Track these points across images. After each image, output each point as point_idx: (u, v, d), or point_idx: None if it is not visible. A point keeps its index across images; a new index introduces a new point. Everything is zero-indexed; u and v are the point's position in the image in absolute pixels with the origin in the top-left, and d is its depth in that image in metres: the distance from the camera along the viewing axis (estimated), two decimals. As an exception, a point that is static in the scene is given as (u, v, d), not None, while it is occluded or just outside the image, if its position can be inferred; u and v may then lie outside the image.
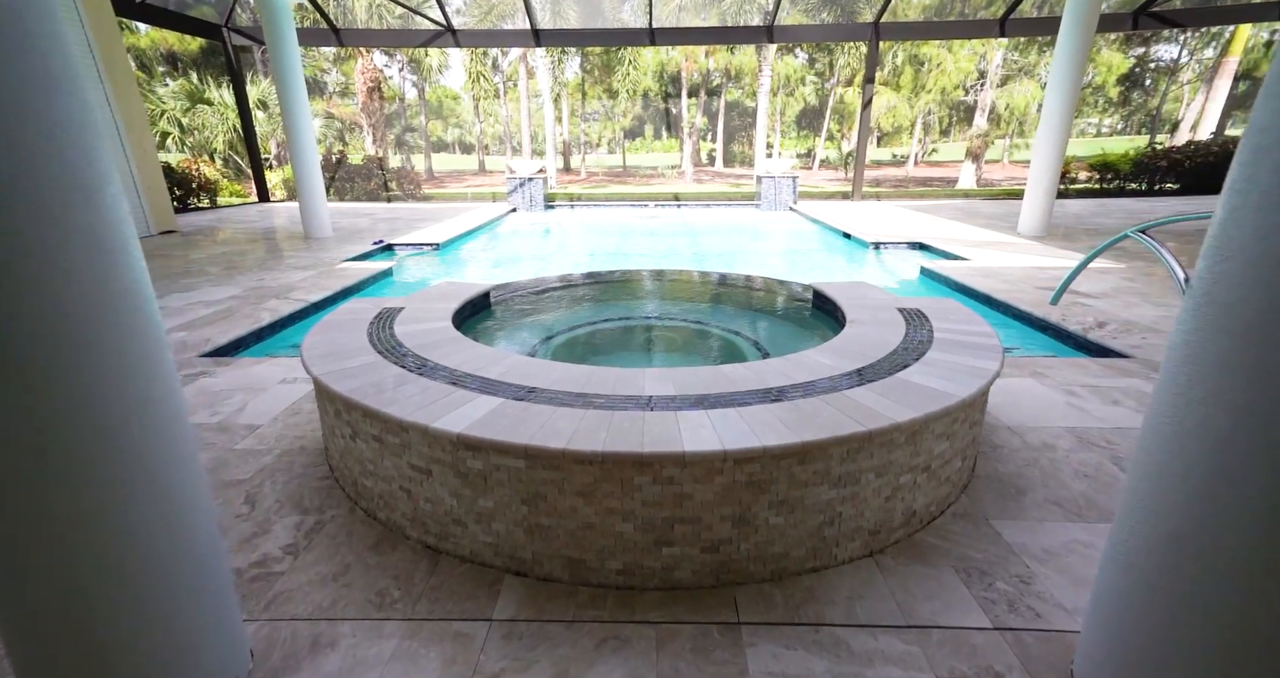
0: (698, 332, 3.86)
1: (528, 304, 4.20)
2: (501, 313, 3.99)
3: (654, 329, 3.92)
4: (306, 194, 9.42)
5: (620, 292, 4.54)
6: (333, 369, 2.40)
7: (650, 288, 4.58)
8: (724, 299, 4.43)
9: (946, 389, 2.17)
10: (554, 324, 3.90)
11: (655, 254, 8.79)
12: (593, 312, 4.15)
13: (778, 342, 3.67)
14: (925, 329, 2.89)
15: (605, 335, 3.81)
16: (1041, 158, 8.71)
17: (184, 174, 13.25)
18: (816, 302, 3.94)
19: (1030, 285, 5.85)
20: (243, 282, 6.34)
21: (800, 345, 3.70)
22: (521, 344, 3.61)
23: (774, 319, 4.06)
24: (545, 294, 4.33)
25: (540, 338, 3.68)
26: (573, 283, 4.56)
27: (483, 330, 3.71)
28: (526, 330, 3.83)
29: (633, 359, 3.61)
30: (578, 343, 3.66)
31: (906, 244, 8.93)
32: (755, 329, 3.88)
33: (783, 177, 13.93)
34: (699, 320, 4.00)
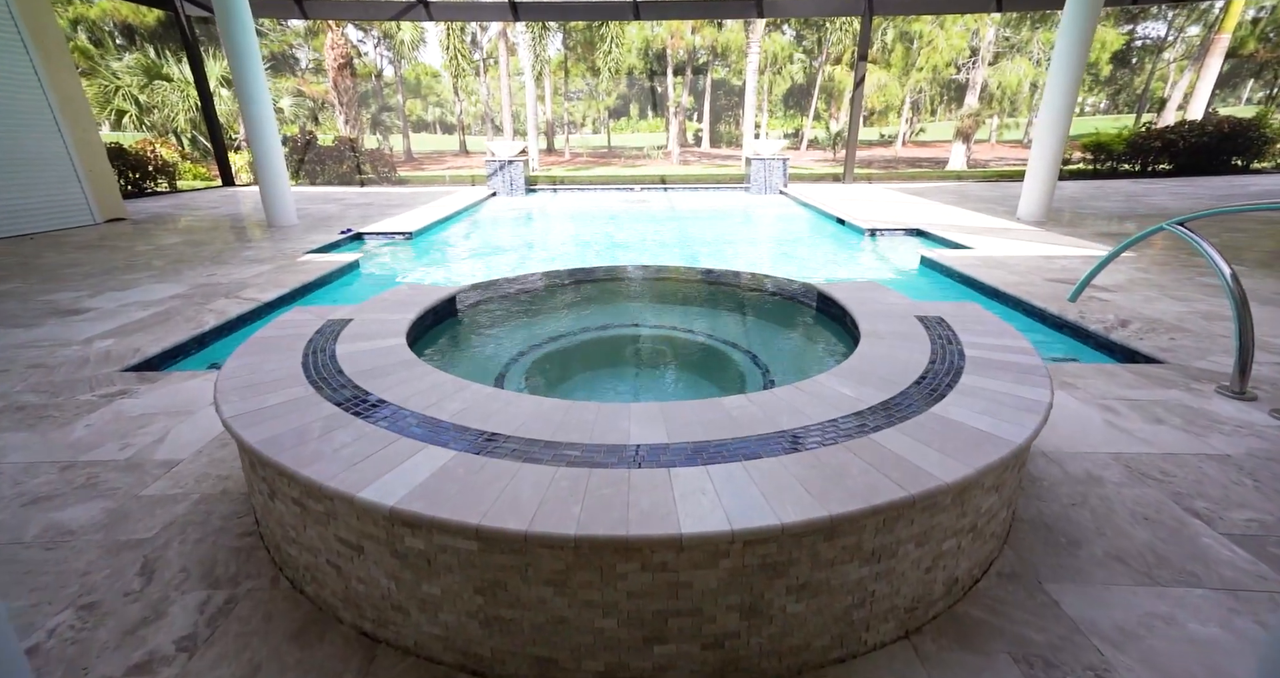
0: (689, 344, 3.45)
1: (498, 311, 3.75)
2: (468, 322, 3.55)
3: (640, 341, 3.50)
4: (268, 179, 8.81)
5: (602, 293, 4.11)
6: (248, 409, 1.96)
7: (635, 289, 4.15)
8: (717, 302, 4.01)
9: (997, 431, 1.78)
10: (527, 336, 3.47)
11: (641, 243, 8.33)
12: (571, 320, 3.72)
13: (781, 356, 3.27)
14: (954, 345, 2.50)
15: (585, 350, 3.38)
16: (1044, 140, 8.34)
17: (139, 156, 12.45)
18: (821, 305, 3.54)
19: (1040, 277, 5.50)
20: (190, 277, 5.79)
21: (806, 360, 3.31)
22: (488, 364, 3.17)
23: (775, 326, 3.66)
24: (518, 298, 3.88)
25: (511, 354, 3.24)
26: (550, 284, 4.11)
27: (444, 346, 3.26)
28: (495, 344, 3.39)
29: (615, 381, 3.19)
30: (553, 361, 3.23)
31: (903, 231, 8.56)
32: (754, 340, 3.47)
33: (773, 159, 13.45)
34: (690, 329, 3.59)
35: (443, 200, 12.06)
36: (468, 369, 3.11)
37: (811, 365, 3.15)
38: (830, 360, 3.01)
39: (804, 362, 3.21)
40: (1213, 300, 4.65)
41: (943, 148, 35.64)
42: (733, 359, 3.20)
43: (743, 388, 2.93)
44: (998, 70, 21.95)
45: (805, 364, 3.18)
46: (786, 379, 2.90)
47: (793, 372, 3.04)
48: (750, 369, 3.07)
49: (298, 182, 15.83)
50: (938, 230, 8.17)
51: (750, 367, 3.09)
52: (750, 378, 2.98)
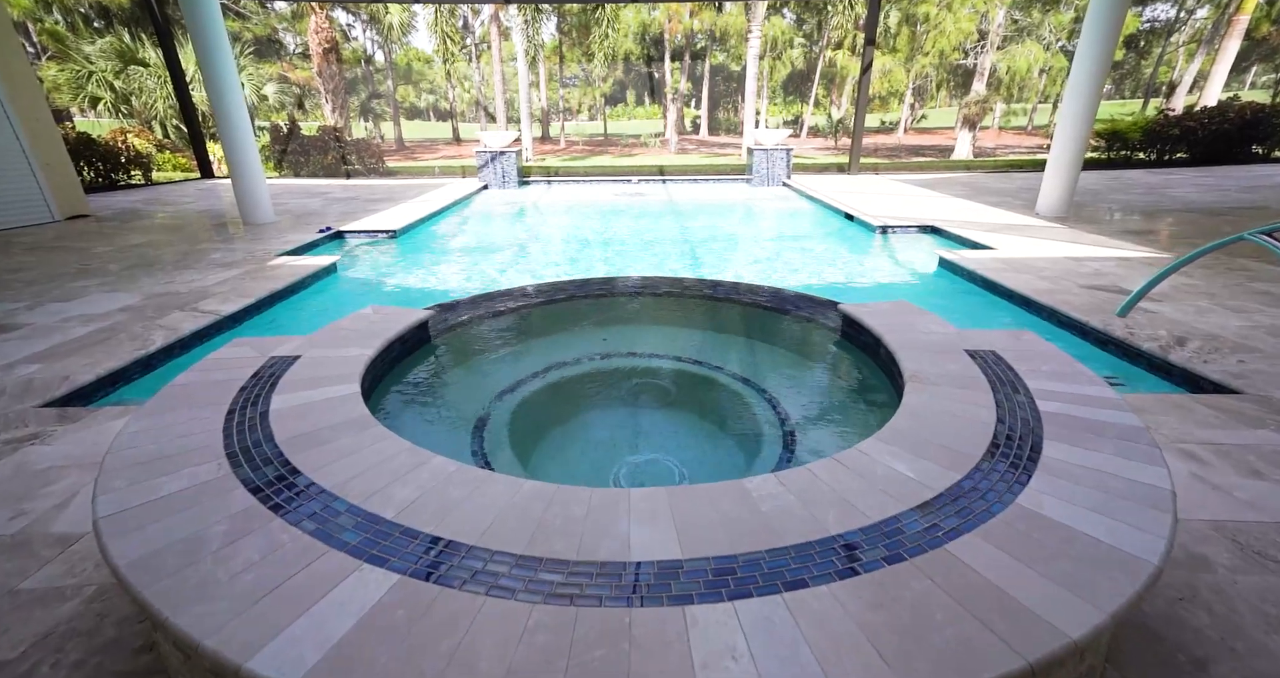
0: (695, 380, 3.00)
1: (476, 337, 3.30)
2: (440, 353, 3.09)
3: (637, 377, 3.05)
4: (242, 173, 8.28)
5: (595, 314, 3.65)
6: (133, 502, 1.51)
7: (632, 308, 3.69)
8: (726, 323, 3.56)
9: (1119, 541, 1.35)
10: (510, 371, 3.01)
11: (639, 243, 7.84)
12: (559, 347, 3.27)
13: (804, 399, 2.83)
14: (1020, 393, 2.06)
15: (574, 390, 2.93)
16: (1068, 129, 7.83)
17: (109, 147, 11.84)
18: (848, 329, 3.10)
19: (1073, 283, 5.06)
20: (146, 285, 5.31)
21: (834, 406, 2.84)
22: (463, 408, 2.72)
23: (794, 357, 3.21)
24: (500, 319, 3.42)
25: (490, 394, 2.79)
26: (537, 300, 3.65)
27: (411, 387, 2.80)
28: (468, 384, 2.94)
29: (610, 429, 2.74)
30: (535, 410, 2.78)
31: (916, 228, 8.09)
32: (771, 375, 3.03)
33: (775, 148, 12.91)
34: (696, 360, 3.14)
35: (431, 194, 11.52)
36: (438, 417, 2.66)
37: (841, 414, 2.70)
38: (864, 408, 2.57)
39: (831, 408, 2.76)
40: (1274, 312, 4.22)
41: (946, 135, 35.01)
42: (747, 402, 2.76)
43: (759, 442, 2.49)
44: (1006, 55, 21.32)
45: (833, 411, 2.73)
46: (811, 432, 2.46)
47: (818, 422, 2.59)
48: (768, 417, 2.62)
49: (281, 173, 15.24)
50: (953, 227, 7.71)
51: (768, 413, 2.65)
52: (768, 430, 2.54)
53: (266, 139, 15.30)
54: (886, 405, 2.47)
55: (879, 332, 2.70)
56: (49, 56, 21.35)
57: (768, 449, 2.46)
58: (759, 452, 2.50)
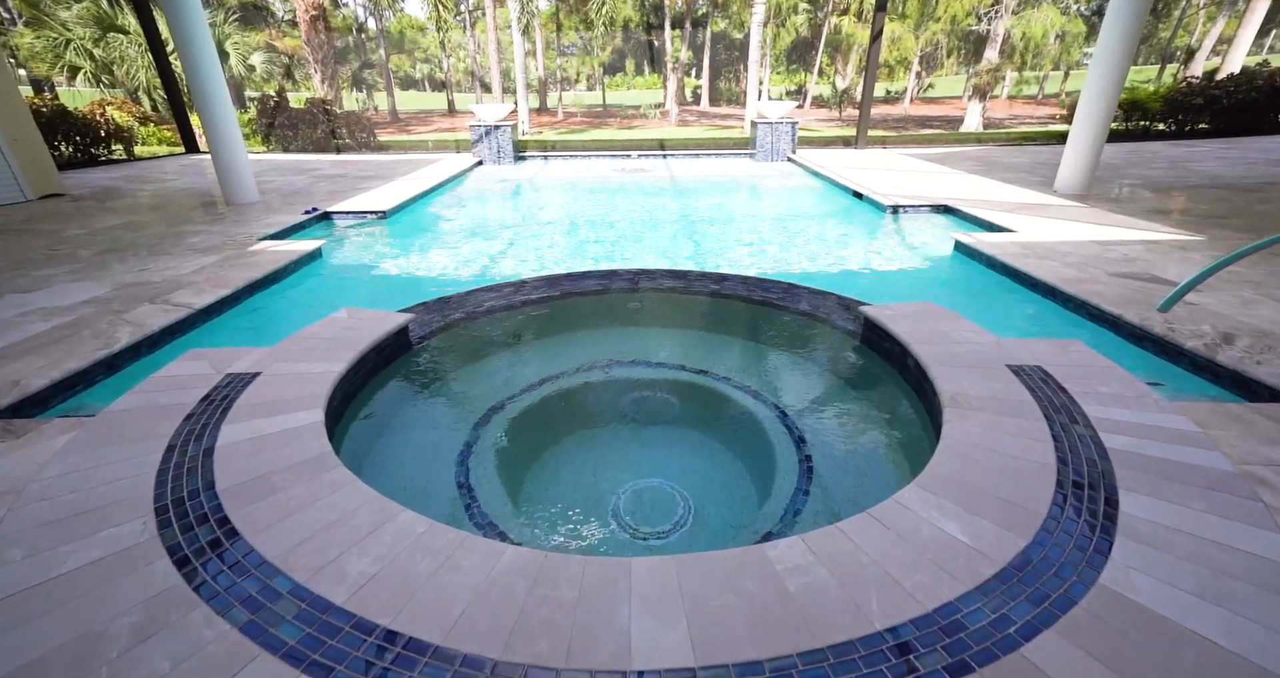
0: (700, 393, 2.73)
1: (462, 344, 3.01)
2: (421, 363, 2.80)
3: (636, 391, 2.77)
4: (222, 149, 7.86)
5: (590, 314, 3.35)
6: (22, 586, 1.25)
7: (631, 308, 3.39)
8: (734, 324, 3.27)
9: (1243, 648, 1.09)
10: (496, 385, 2.73)
11: (638, 227, 7.48)
12: (553, 355, 2.98)
13: (822, 416, 2.55)
14: (1079, 424, 1.79)
15: (567, 409, 2.66)
16: (1092, 101, 7.37)
17: (87, 120, 11.34)
18: (869, 333, 2.81)
19: (1101, 270, 4.74)
20: (117, 273, 4.99)
21: (860, 428, 2.51)
22: (442, 432, 2.45)
23: (810, 365, 2.93)
24: (488, 322, 3.13)
25: (473, 417, 2.51)
26: (529, 298, 3.35)
27: (382, 407, 2.52)
28: (452, 400, 2.66)
29: (606, 457, 2.47)
30: (526, 430, 2.51)
31: (929, 207, 7.72)
32: (784, 386, 2.75)
33: (780, 122, 12.40)
34: (701, 369, 2.85)
35: (423, 171, 11.08)
36: (417, 443, 2.38)
37: (865, 438, 2.42)
38: (893, 433, 2.30)
39: (854, 430, 2.48)
40: (1323, 305, 3.92)
41: (953, 105, 34.05)
42: (758, 420, 2.49)
43: (771, 468, 2.22)
44: (1021, 20, 20.44)
45: (856, 435, 2.45)
46: (831, 459, 2.19)
47: (840, 447, 2.32)
48: (782, 440, 2.36)
49: (269, 148, 14.72)
50: (968, 207, 7.34)
51: (781, 435, 2.38)
52: (783, 458, 2.27)
53: (252, 112, 14.74)
54: (917, 429, 2.19)
55: (907, 340, 2.41)
56: (24, 22, 20.51)
57: (782, 479, 2.21)
58: (772, 480, 2.24)
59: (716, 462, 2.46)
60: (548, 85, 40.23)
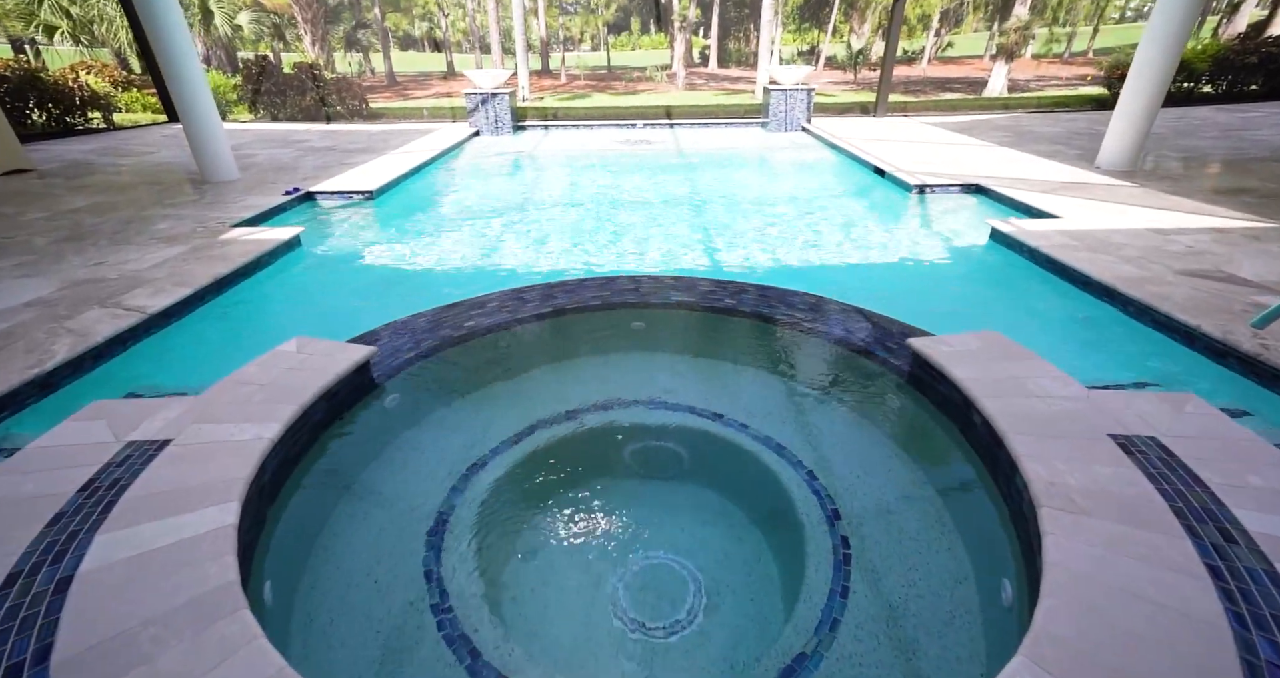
0: (713, 444, 2.30)
1: (433, 381, 2.56)
2: (384, 409, 2.36)
3: (638, 443, 2.34)
4: (195, 122, 7.30)
5: (586, 338, 2.89)
6: None
7: (635, 329, 2.93)
8: (751, 353, 2.81)
9: None
10: (470, 439, 2.29)
11: (641, 212, 6.93)
12: (540, 395, 2.54)
13: (865, 493, 2.08)
14: (1235, 538, 1.34)
15: (555, 469, 2.23)
16: (1149, 60, 6.58)
17: (59, 87, 10.69)
18: (918, 370, 2.34)
19: (1166, 268, 4.21)
20: (71, 267, 4.55)
21: (916, 515, 1.95)
22: (408, 502, 2.02)
23: (843, 413, 2.46)
24: (465, 349, 2.67)
25: (448, 479, 2.09)
26: (516, 316, 2.89)
27: (324, 478, 2.07)
28: (416, 462, 2.22)
29: (603, 526, 2.05)
30: (510, 492, 2.08)
31: (958, 186, 7.11)
32: (813, 438, 2.29)
33: (795, 88, 11.61)
34: (715, 413, 2.40)
35: (416, 144, 10.46)
36: (377, 520, 1.96)
37: (922, 520, 1.96)
38: (960, 520, 1.85)
39: (902, 505, 2.02)
40: None
41: (973, 65, 32.48)
42: (782, 484, 2.06)
43: (800, 556, 1.81)
44: (1055, -28, 19.11)
45: (906, 514, 1.98)
46: (878, 551, 1.77)
47: (886, 535, 1.89)
48: (811, 512, 1.94)
49: (255, 116, 14.02)
50: (1002, 186, 6.74)
51: (811, 506, 1.95)
52: (814, 538, 1.85)
53: (237, 78, 14.00)
54: (992, 520, 1.75)
55: (972, 391, 1.95)
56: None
57: (815, 571, 1.79)
58: (801, 568, 1.83)
59: (734, 534, 2.04)
60: (549, 46, 38.65)
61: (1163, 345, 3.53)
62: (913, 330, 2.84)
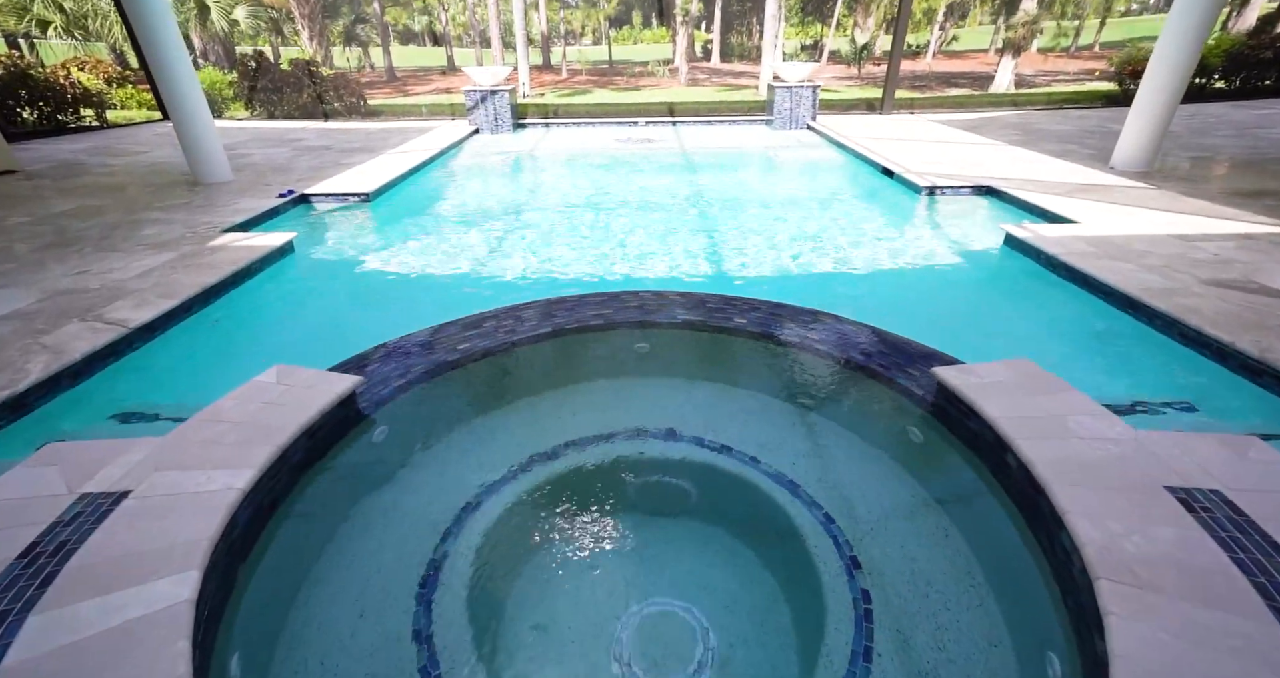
0: (721, 486, 2.14)
1: (423, 412, 2.40)
2: (371, 445, 2.20)
3: (643, 477, 2.18)
4: (185, 122, 7.12)
5: (587, 360, 2.73)
6: None
7: (640, 351, 2.76)
8: (763, 377, 2.64)
9: None
10: (463, 476, 2.13)
11: (644, 215, 6.75)
12: (538, 424, 2.38)
13: (887, 541, 1.91)
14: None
15: (554, 507, 2.07)
16: (1169, 57, 6.34)
17: (49, 84, 10.49)
18: (943, 401, 2.17)
19: (1192, 276, 4.03)
20: (53, 276, 4.39)
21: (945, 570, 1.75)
22: (395, 552, 1.86)
23: (861, 447, 2.29)
24: (458, 375, 2.51)
25: (433, 530, 1.93)
26: (512, 338, 2.72)
27: (303, 526, 1.90)
28: (405, 504, 2.05)
29: (604, 584, 1.88)
30: (506, 533, 1.93)
31: (970, 188, 6.91)
32: (828, 484, 2.12)
33: (800, 85, 11.38)
34: (723, 445, 2.24)
35: (414, 143, 10.27)
36: (358, 572, 1.79)
37: (951, 574, 1.78)
38: (994, 581, 1.68)
39: (929, 559, 1.84)
40: None
41: (978, 60, 32.13)
42: (796, 526, 1.90)
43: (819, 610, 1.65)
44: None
45: (933, 569, 1.80)
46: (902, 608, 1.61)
47: (911, 590, 1.72)
48: (828, 559, 1.78)
49: (252, 114, 13.82)
50: (1014, 188, 6.55)
51: (827, 552, 1.80)
52: (832, 590, 1.69)
53: (233, 75, 13.80)
54: (1034, 584, 1.59)
55: (1005, 430, 1.78)
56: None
57: (835, 628, 1.64)
58: (820, 624, 1.67)
59: (745, 579, 1.88)
60: (551, 40, 38.31)
61: (1193, 362, 3.35)
62: (936, 355, 2.67)
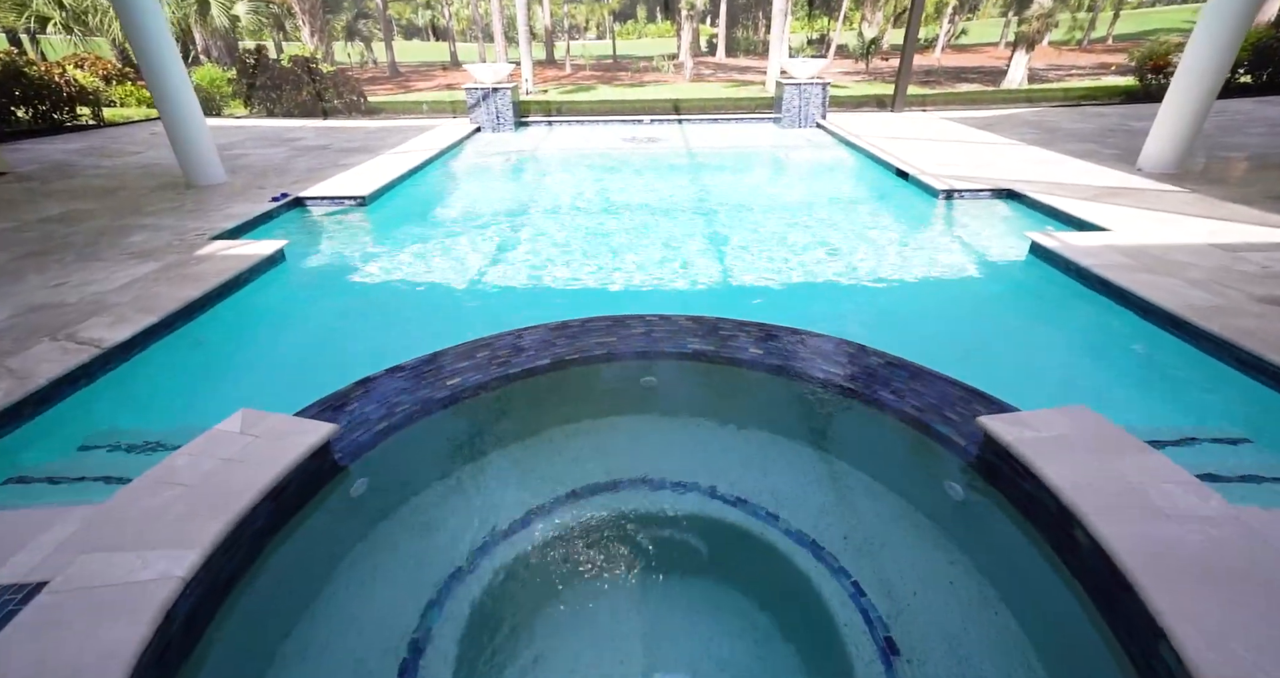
0: (737, 545, 1.90)
1: (409, 460, 2.16)
2: (351, 499, 1.96)
3: (651, 532, 1.95)
4: (176, 121, 6.90)
5: (588, 395, 2.49)
6: None
7: (647, 386, 2.52)
8: (782, 421, 2.39)
9: None
10: (452, 537, 1.90)
11: (649, 222, 6.49)
12: (534, 471, 2.13)
13: (928, 630, 1.65)
14: None
15: (554, 569, 1.84)
16: (1204, 50, 6.01)
17: (44, 82, 10.28)
18: (989, 455, 1.91)
19: (1240, 292, 3.75)
20: (29, 288, 4.17)
21: None
22: (361, 644, 1.62)
23: (899, 504, 2.04)
24: (442, 417, 2.26)
25: (416, 601, 1.70)
26: (508, 371, 2.47)
27: (267, 603, 1.66)
28: (389, 572, 1.82)
29: (609, 654, 1.65)
30: (495, 621, 1.69)
31: (989, 191, 6.62)
32: (856, 549, 1.87)
33: (809, 83, 11.06)
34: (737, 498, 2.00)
35: (414, 142, 10.01)
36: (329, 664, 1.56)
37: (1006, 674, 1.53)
38: None
39: (976, 646, 1.58)
40: None
41: (988, 53, 31.59)
42: (822, 600, 1.67)
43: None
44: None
45: (986, 662, 1.55)
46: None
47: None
48: (863, 648, 1.55)
49: (251, 112, 13.59)
50: (1037, 192, 6.26)
51: (860, 636, 1.56)
52: None
53: (231, 72, 13.57)
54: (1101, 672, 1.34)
55: (1074, 501, 1.53)
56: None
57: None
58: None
59: (762, 654, 1.64)
60: (555, 34, 37.93)
61: (1250, 391, 3.08)
62: (976, 395, 2.40)
